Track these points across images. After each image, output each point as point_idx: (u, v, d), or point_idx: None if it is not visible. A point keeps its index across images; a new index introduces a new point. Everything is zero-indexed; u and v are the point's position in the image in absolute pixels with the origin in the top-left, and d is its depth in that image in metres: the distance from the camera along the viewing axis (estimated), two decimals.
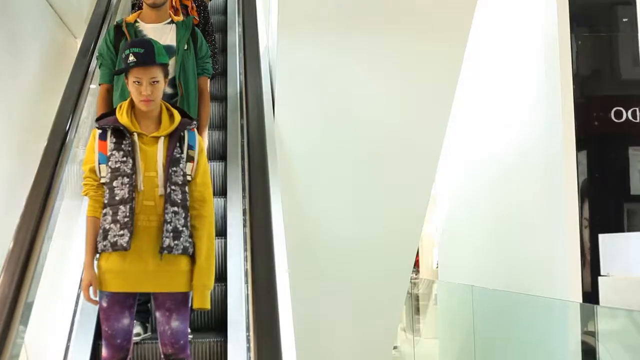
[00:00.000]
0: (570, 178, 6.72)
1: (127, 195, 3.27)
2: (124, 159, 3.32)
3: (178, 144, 3.38)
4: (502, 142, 8.04)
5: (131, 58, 3.41)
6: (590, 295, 6.57)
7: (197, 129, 3.65)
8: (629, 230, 6.91)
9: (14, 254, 3.71)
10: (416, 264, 11.52)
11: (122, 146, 3.34)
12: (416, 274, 13.12)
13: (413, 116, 6.50)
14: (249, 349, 3.66)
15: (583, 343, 6.25)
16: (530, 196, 7.35)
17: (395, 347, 10.83)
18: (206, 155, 3.56)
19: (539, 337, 6.96)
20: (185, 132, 3.42)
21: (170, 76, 3.72)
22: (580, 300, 6.50)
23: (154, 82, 3.40)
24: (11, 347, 3.30)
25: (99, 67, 4.63)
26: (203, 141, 3.78)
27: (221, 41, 6.70)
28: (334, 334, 7.65)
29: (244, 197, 4.93)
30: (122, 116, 3.40)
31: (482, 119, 8.72)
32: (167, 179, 3.28)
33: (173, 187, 3.30)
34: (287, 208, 4.86)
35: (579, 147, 6.79)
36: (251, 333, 3.65)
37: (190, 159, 3.38)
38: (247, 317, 3.90)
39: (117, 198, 3.29)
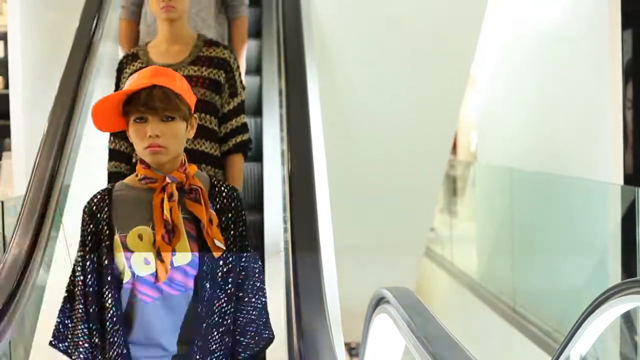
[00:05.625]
0: (615, 57, 6.53)
1: None
2: None
3: None
4: (545, 20, 7.82)
5: None
6: (632, 178, 6.48)
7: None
8: None
9: (50, 133, 3.71)
10: (454, 146, 11.44)
11: None
12: (454, 156, 13.06)
13: None
14: (285, 229, 3.64)
15: (623, 226, 6.20)
16: (573, 75, 7.18)
17: (432, 229, 10.87)
18: None
19: (578, 219, 6.92)
20: None
21: None
22: (622, 183, 6.41)
23: None
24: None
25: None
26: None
27: None
28: (371, 215, 7.67)
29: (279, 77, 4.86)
30: None
31: None
32: None
33: None
34: (324, 87, 4.79)
35: (625, 25, 6.57)
36: (287, 213, 3.64)
37: None
38: (284, 198, 3.88)
39: None
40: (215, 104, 3.30)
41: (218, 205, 2.42)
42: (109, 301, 2.31)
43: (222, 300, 2.38)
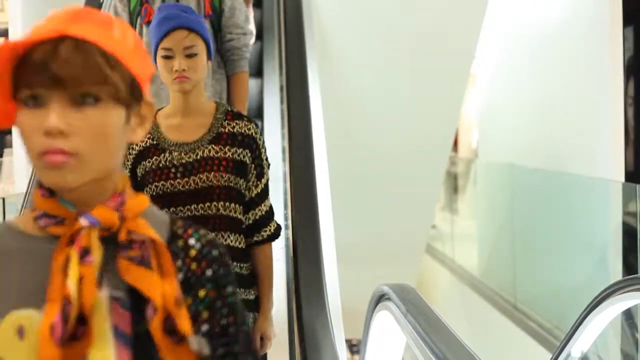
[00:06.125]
0: (616, 54, 6.53)
1: None
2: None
3: None
4: (545, 18, 7.82)
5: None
6: (633, 175, 6.49)
7: None
8: None
9: None
10: (455, 143, 11.44)
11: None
12: (455, 153, 13.06)
13: None
14: (286, 226, 3.65)
15: (624, 223, 6.20)
16: (574, 72, 7.19)
17: (433, 226, 10.88)
18: None
19: (579, 216, 6.92)
20: None
21: None
22: (623, 180, 6.41)
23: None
24: None
25: None
26: None
27: None
28: (372, 212, 7.67)
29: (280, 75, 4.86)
30: None
31: None
32: None
33: None
34: (324, 87, 4.79)
35: (626, 22, 6.57)
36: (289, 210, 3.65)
37: None
38: (285, 194, 3.89)
39: None
40: (240, 189, 2.68)
41: (183, 274, 1.23)
42: None
43: None
